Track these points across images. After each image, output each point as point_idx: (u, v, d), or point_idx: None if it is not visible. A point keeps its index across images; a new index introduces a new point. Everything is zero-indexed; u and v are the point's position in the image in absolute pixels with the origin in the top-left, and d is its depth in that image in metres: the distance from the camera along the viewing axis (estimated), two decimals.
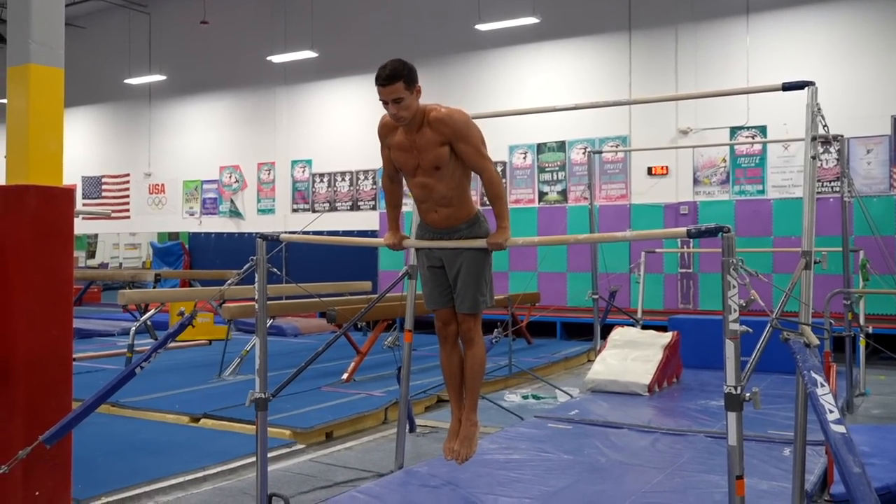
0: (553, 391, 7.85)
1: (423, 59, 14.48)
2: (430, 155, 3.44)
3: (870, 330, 7.59)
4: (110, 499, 4.47)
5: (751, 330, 2.83)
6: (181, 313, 4.01)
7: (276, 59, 15.59)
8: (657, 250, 10.92)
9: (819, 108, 3.82)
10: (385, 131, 3.61)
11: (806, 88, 3.86)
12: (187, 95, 17.61)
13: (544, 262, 12.06)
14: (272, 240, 4.07)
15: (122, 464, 5.08)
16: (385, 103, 3.40)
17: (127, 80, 17.81)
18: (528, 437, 5.74)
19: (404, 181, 3.73)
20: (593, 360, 8.26)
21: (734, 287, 2.76)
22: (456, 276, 3.59)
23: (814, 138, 3.75)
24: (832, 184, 10.84)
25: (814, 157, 3.76)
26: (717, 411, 6.63)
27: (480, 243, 3.54)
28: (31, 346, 3.83)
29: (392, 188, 3.84)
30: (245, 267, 4.00)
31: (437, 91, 13.99)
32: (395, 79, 3.32)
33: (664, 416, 6.74)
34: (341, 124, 15.51)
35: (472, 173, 3.61)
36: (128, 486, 4.64)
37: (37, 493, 3.83)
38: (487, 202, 3.62)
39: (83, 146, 18.72)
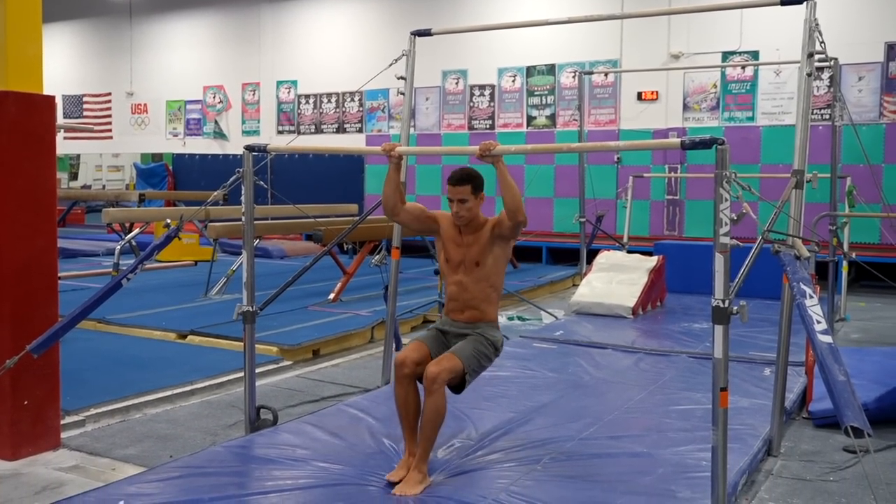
0: (538, 313, 7.91)
1: None
2: (476, 249, 3.60)
3: (853, 257, 7.67)
4: (99, 410, 4.50)
5: (739, 243, 2.83)
6: (167, 225, 3.97)
7: None
8: (645, 175, 10.90)
9: (817, 24, 3.75)
10: (445, 220, 3.74)
11: (805, 3, 3.78)
12: (169, 12, 17.13)
13: (531, 186, 12.01)
14: (259, 151, 4.01)
15: (110, 377, 5.11)
16: (451, 201, 3.61)
17: None
18: (513, 356, 5.80)
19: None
20: (578, 285, 8.32)
21: (726, 200, 2.74)
22: (457, 340, 3.61)
23: (810, 55, 3.70)
24: (822, 111, 10.77)
25: (809, 75, 3.71)
26: (700, 333, 6.73)
27: (473, 150, 3.50)
28: (15, 255, 3.79)
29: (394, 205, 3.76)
30: (231, 179, 3.96)
31: (426, 11, 13.72)
32: (466, 182, 3.56)
33: (648, 337, 6.83)
34: (328, 44, 15.19)
35: (502, 286, 3.75)
36: (117, 398, 4.68)
37: (25, 403, 3.85)
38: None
39: (62, 64, 18.25)
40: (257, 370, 4.70)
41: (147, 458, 3.90)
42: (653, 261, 8.06)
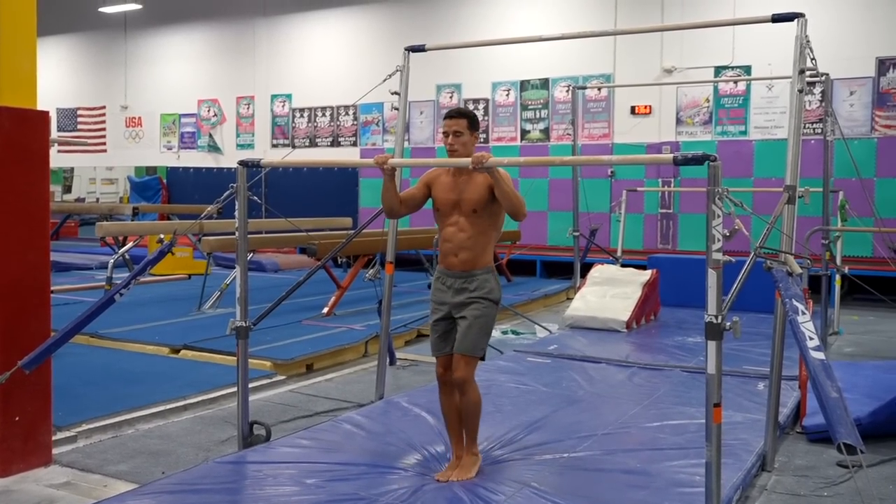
0: (532, 327, 7.91)
1: None
2: (472, 196, 3.62)
3: (846, 270, 7.69)
4: (91, 425, 4.48)
5: (733, 260, 2.84)
6: (160, 240, 3.96)
7: None
8: (639, 189, 10.92)
9: (808, 41, 3.78)
10: (432, 176, 3.82)
11: (796, 20, 3.81)
12: (164, 25, 17.16)
13: (525, 199, 12.01)
14: (253, 166, 4.02)
15: (103, 392, 5.09)
16: (446, 135, 3.69)
17: (101, 9, 17.30)
18: (507, 371, 5.80)
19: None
20: (572, 298, 8.32)
21: (719, 216, 2.75)
22: (461, 318, 3.64)
23: (801, 71, 3.72)
24: (814, 125, 10.84)
25: (801, 91, 3.73)
26: (694, 347, 6.73)
27: (466, 162, 3.49)
28: (7, 270, 3.78)
29: (392, 207, 3.83)
30: (225, 194, 3.96)
31: (420, 25, 13.77)
32: (462, 116, 3.68)
33: (641, 351, 6.83)
34: (322, 58, 15.22)
35: (500, 228, 3.80)
36: (109, 413, 4.65)
37: (17, 419, 3.82)
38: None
39: (57, 77, 18.25)
40: (251, 385, 4.69)
41: (139, 474, 3.88)
42: (646, 275, 8.07)
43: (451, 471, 3.68)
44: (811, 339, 2.55)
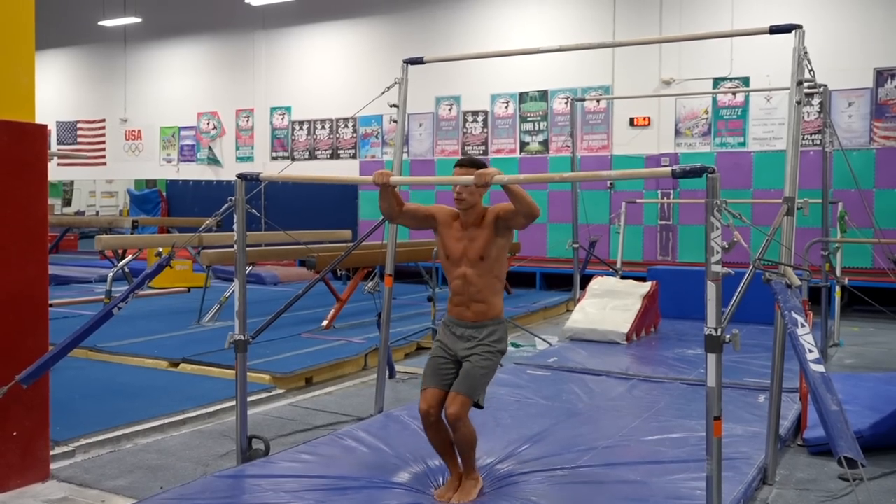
0: (532, 339, 7.89)
1: (405, 4, 14.26)
2: (478, 244, 3.61)
3: (846, 282, 7.67)
4: (89, 440, 4.46)
5: (732, 272, 2.83)
6: (159, 254, 3.96)
7: (255, 1, 15.23)
8: (638, 201, 10.93)
9: (806, 52, 3.78)
10: (442, 213, 3.78)
11: (793, 32, 3.82)
12: (164, 39, 17.21)
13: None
14: (252, 179, 4.01)
15: (101, 407, 5.07)
16: (455, 187, 3.64)
17: (101, 22, 17.35)
18: (507, 383, 5.78)
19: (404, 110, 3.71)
20: (572, 311, 8.30)
21: (717, 229, 2.75)
22: (465, 360, 3.60)
23: (800, 83, 3.72)
24: (813, 137, 10.85)
25: (799, 102, 3.74)
26: (694, 359, 6.71)
27: (468, 179, 3.45)
28: (5, 284, 3.77)
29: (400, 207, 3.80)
30: (224, 207, 3.95)
31: (419, 38, 13.81)
32: (472, 166, 3.60)
33: (642, 363, 6.81)
34: (321, 70, 15.26)
35: (504, 276, 3.77)
36: (107, 428, 4.64)
37: (14, 434, 3.81)
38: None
39: (57, 90, 18.30)
40: (249, 398, 4.67)
41: (137, 489, 3.86)
42: (646, 286, 8.06)
43: (450, 492, 3.61)
44: (811, 351, 2.54)
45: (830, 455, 4.02)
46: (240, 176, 4.00)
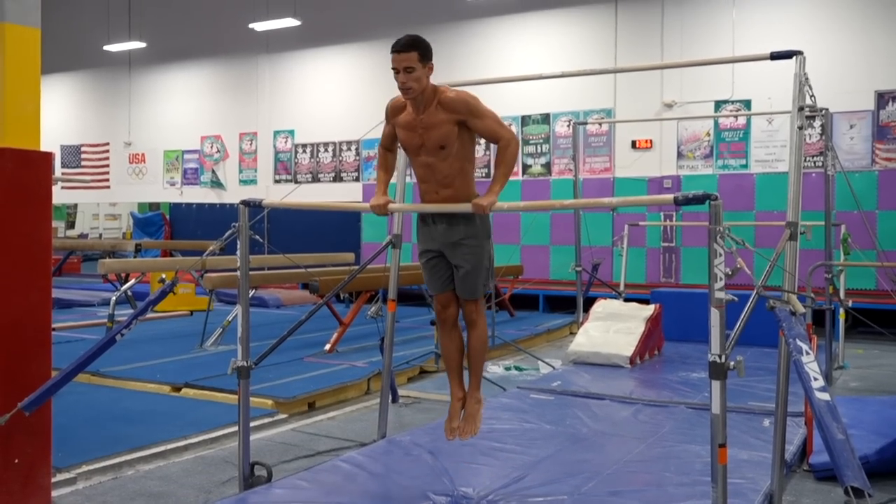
0: (535, 363, 7.87)
1: (407, 29, 14.26)
2: (437, 133, 3.44)
3: (850, 304, 7.66)
4: (91, 467, 4.44)
5: (736, 299, 2.83)
6: (162, 280, 3.96)
7: (259, 26, 15.36)
8: (640, 223, 10.93)
9: (807, 78, 3.80)
10: (393, 112, 3.61)
11: (794, 58, 3.83)
12: (168, 63, 17.34)
13: (527, 234, 12.05)
14: (255, 206, 4.02)
15: (103, 433, 5.05)
16: (396, 72, 3.39)
17: (106, 47, 17.50)
18: (510, 408, 5.75)
19: (403, 155, 3.72)
20: (575, 333, 8.28)
21: (720, 255, 2.75)
22: (457, 265, 3.58)
23: (801, 108, 3.73)
24: (815, 158, 10.87)
25: (800, 128, 3.75)
26: (698, 383, 6.68)
27: (466, 207, 3.47)
28: (8, 311, 3.77)
29: (386, 155, 3.82)
30: (227, 234, 3.96)
31: None
32: (411, 48, 3.37)
33: (646, 387, 6.78)
34: (324, 94, 15.35)
35: (474, 158, 3.67)
36: (109, 454, 4.61)
37: (16, 461, 3.79)
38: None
39: (61, 114, 18.42)
40: (252, 424, 4.65)
41: None
42: (650, 309, 8.04)
43: (454, 420, 3.63)
44: (816, 379, 2.53)
45: (836, 480, 4.00)
46: (243, 203, 4.01)
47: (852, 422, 4.95)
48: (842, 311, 7.80)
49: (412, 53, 3.36)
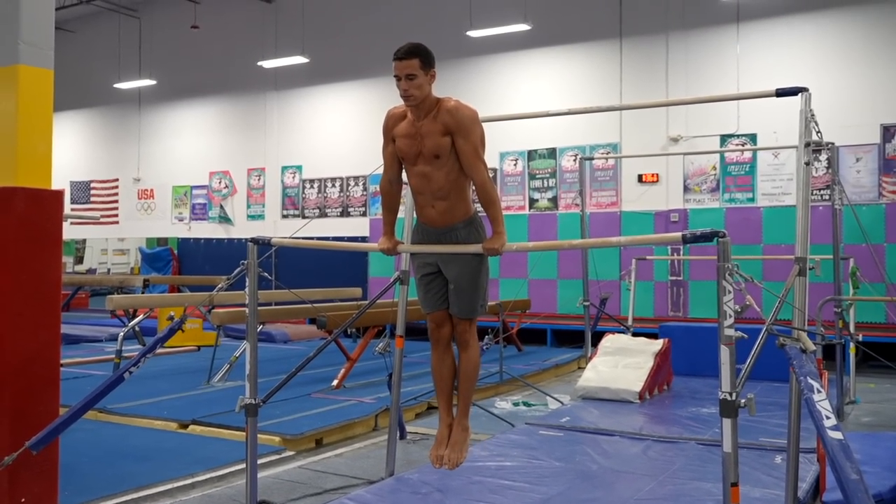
0: (544, 398, 7.82)
1: None
2: (432, 142, 3.42)
3: (860, 338, 7.61)
4: None
5: (746, 336, 2.82)
6: (170, 318, 3.97)
7: (267, 64, 15.55)
8: (648, 257, 10.92)
9: (812, 114, 3.82)
10: (392, 122, 3.58)
11: (799, 94, 3.86)
12: (177, 100, 17.53)
13: (535, 269, 12.05)
14: (263, 244, 4.04)
15: (110, 470, 5.03)
16: (398, 79, 3.39)
17: (116, 85, 17.73)
18: (519, 445, 5.71)
19: (404, 178, 3.71)
20: (584, 368, 8.24)
21: (730, 292, 2.74)
22: (452, 281, 3.57)
23: (807, 144, 3.75)
24: (821, 192, 10.87)
25: (807, 163, 3.76)
26: (709, 419, 6.62)
27: (476, 248, 3.50)
28: (18, 349, 3.78)
29: (391, 191, 3.74)
30: (235, 271, 3.97)
31: None
32: (413, 55, 3.37)
33: (655, 423, 6.73)
34: (332, 130, 15.48)
35: None
36: (115, 492, 4.59)
37: (23, 501, 3.78)
38: (481, 209, 3.60)
39: (72, 151, 18.60)
40: (259, 461, 4.63)
41: None
42: (658, 344, 8.01)
43: (441, 448, 3.58)
44: (828, 418, 2.51)
45: None
46: (252, 240, 4.03)
47: (865, 458, 4.89)
48: (852, 345, 7.75)
49: (414, 60, 3.36)
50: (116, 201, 18.45)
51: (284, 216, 15.97)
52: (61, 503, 4.11)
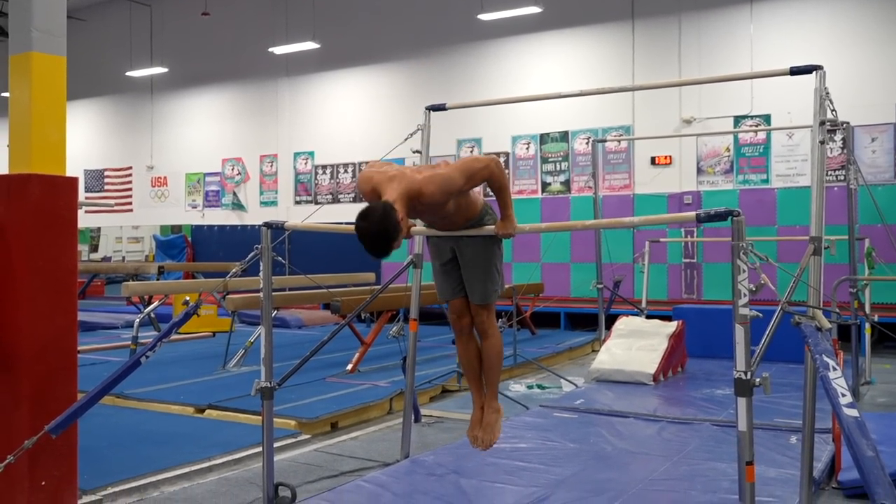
0: (558, 381, 7.83)
1: (425, 50, 14.45)
2: (437, 211, 3.43)
3: (875, 318, 7.56)
4: (116, 489, 4.46)
5: (761, 315, 2.81)
6: (186, 302, 4.00)
7: (278, 50, 15.54)
8: (661, 240, 10.88)
9: (827, 93, 3.78)
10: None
11: (814, 73, 3.82)
12: (189, 88, 17.57)
13: (548, 252, 12.04)
14: (277, 228, 4.06)
15: (128, 454, 5.08)
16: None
17: (128, 73, 17.77)
18: (533, 427, 5.73)
19: None
20: (597, 350, 8.25)
21: (744, 272, 2.73)
22: (467, 266, 3.60)
23: (822, 123, 3.72)
24: (836, 172, 10.79)
25: (822, 142, 3.73)
26: (723, 400, 6.62)
27: (490, 230, 3.53)
28: (35, 335, 3.82)
29: None
30: (249, 256, 3.99)
31: (440, 82, 13.97)
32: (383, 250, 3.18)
33: (670, 404, 6.73)
34: (343, 116, 15.47)
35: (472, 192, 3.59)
36: (134, 476, 4.63)
37: (43, 483, 3.82)
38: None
39: (85, 139, 18.68)
40: (275, 444, 4.66)
41: None
42: (672, 326, 7.99)
43: (476, 429, 3.74)
44: (843, 395, 2.50)
45: (866, 497, 3.93)
46: (266, 225, 4.04)
47: (881, 438, 4.87)
48: (867, 325, 7.71)
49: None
50: (130, 189, 18.54)
51: (297, 202, 16.00)
52: (81, 486, 4.16)
